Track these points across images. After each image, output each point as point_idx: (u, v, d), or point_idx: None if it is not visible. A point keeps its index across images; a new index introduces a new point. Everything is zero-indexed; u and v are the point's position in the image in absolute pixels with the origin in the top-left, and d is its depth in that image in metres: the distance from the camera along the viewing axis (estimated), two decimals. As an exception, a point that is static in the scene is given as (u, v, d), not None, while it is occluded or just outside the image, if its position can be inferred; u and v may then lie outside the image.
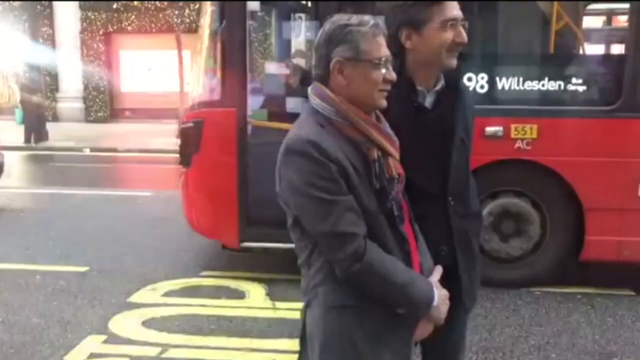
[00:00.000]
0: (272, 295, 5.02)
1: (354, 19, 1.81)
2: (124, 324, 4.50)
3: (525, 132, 4.88)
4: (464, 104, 2.15)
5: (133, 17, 20.24)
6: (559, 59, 5.35)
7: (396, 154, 1.88)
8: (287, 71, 6.12)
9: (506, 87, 4.99)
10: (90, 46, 20.58)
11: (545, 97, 5.00)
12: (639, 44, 4.80)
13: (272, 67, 6.85)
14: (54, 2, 20.08)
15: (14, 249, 6.30)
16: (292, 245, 5.99)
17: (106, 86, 20.60)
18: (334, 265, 1.79)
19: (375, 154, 1.82)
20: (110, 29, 20.56)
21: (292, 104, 5.50)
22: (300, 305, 2.00)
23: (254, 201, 5.29)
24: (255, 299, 4.97)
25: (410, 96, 2.03)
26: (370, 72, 1.80)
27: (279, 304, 4.85)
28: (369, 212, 1.79)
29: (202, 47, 5.62)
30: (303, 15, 6.50)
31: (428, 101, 2.11)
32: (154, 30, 20.24)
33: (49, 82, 19.94)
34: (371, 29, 1.79)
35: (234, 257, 5.85)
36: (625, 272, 5.44)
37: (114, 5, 20.21)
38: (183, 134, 5.35)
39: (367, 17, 1.82)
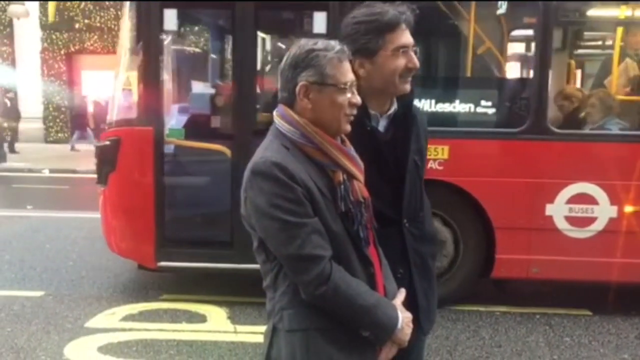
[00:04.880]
0: (233, 319, 4.97)
1: (320, 43, 1.82)
2: (79, 350, 4.38)
3: (437, 153, 5.00)
4: (417, 127, 2.18)
5: (95, 37, 20.06)
6: (470, 82, 5.54)
7: (361, 177, 1.89)
8: (212, 91, 6.16)
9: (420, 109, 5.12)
10: (52, 66, 20.30)
11: (456, 119, 5.17)
12: (544, 68, 5.00)
13: (198, 87, 6.95)
14: (14, 22, 19.77)
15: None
16: (208, 265, 6.11)
17: (67, 106, 20.30)
18: (300, 288, 1.78)
19: (340, 177, 1.82)
20: (72, 49, 20.33)
21: (216, 123, 5.57)
22: (262, 328, 1.97)
23: (171, 220, 5.31)
24: (216, 323, 4.90)
25: (364, 121, 2.05)
26: (336, 96, 1.81)
27: (240, 328, 4.79)
28: (335, 234, 1.79)
29: (120, 67, 5.61)
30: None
31: (382, 125, 2.14)
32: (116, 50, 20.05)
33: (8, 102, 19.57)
34: (337, 54, 1.81)
35: (194, 280, 5.78)
36: (583, 292, 5.54)
37: (76, 25, 20.01)
38: (100, 152, 5.34)
39: (333, 42, 1.84)
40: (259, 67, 6.03)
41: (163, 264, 5.26)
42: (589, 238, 5.00)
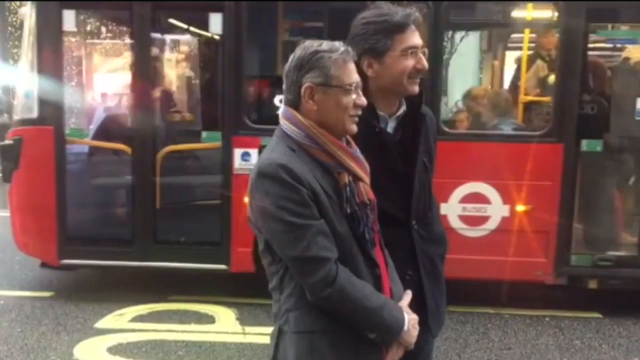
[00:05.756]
0: (242, 320, 4.97)
1: (325, 45, 1.82)
2: (89, 350, 4.41)
3: None
4: (426, 128, 2.17)
5: (108, 39, 20.11)
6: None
7: (367, 179, 1.89)
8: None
9: None
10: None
11: None
12: (435, 69, 4.98)
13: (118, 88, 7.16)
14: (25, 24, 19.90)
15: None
16: (110, 262, 6.27)
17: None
18: (306, 290, 1.78)
19: (346, 178, 1.83)
20: (83, 51, 20.43)
21: (123, 122, 5.78)
22: (270, 329, 1.97)
23: (73, 219, 5.42)
24: (225, 324, 4.91)
25: (372, 122, 2.05)
26: (341, 97, 1.81)
27: (249, 329, 4.80)
28: (340, 236, 1.79)
29: (24, 66, 5.71)
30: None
31: (390, 126, 2.13)
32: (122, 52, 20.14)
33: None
34: (341, 55, 1.81)
35: (203, 281, 5.78)
36: (594, 295, 5.50)
37: (87, 28, 20.10)
38: (3, 150, 5.46)
39: (337, 44, 1.84)
40: (158, 66, 6.11)
41: (66, 261, 5.37)
42: (483, 237, 5.05)
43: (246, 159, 5.08)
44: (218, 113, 5.39)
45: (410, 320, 1.88)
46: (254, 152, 5.05)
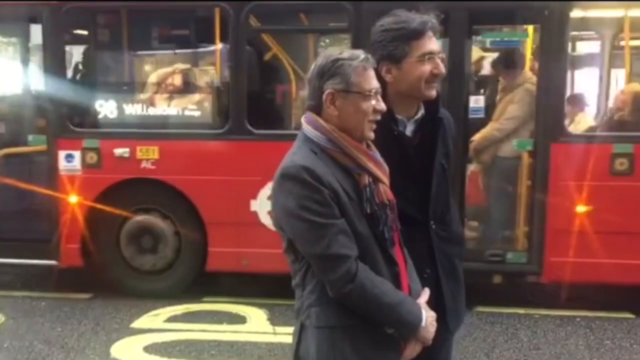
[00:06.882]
0: (273, 320, 5.07)
1: (345, 53, 1.92)
2: (126, 349, 4.56)
3: (148, 153, 5.34)
4: (443, 131, 2.24)
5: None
6: (178, 88, 5.79)
7: (386, 180, 1.97)
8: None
9: (132, 113, 5.55)
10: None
11: (165, 122, 5.51)
12: (239, 73, 5.26)
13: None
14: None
15: (19, 275, 6.35)
16: None
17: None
18: (327, 286, 1.87)
19: (366, 180, 1.91)
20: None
21: None
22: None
23: None
24: (256, 324, 5.02)
25: (391, 125, 2.12)
26: (361, 103, 1.89)
27: (279, 329, 4.88)
28: (361, 235, 1.88)
29: None
30: None
31: (409, 130, 2.20)
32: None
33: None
34: (362, 63, 1.90)
35: (235, 283, 5.90)
36: (625, 295, 5.45)
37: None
38: None
39: (357, 52, 1.94)
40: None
41: None
42: None
43: (70, 161, 5.40)
44: (43, 117, 5.71)
45: (428, 317, 1.95)
46: (77, 154, 5.38)
